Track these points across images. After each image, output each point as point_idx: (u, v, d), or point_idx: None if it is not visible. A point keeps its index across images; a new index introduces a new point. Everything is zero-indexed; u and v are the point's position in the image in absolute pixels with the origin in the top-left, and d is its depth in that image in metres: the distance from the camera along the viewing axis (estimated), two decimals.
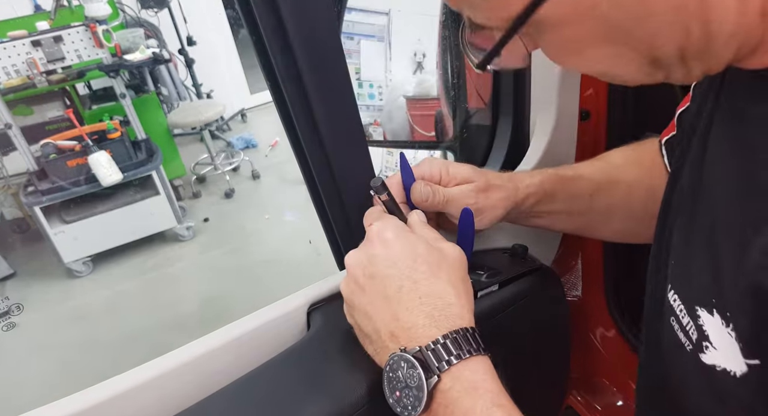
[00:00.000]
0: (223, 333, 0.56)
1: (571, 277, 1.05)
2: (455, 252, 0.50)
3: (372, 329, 0.47)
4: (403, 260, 0.47)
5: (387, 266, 0.47)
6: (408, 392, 0.42)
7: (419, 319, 0.44)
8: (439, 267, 0.47)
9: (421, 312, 0.44)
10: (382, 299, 0.46)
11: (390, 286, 0.46)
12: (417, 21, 1.77)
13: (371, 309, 0.47)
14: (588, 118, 0.87)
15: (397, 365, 0.43)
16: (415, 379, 0.42)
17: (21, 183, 3.12)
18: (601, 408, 1.06)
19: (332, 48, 0.53)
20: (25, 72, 2.77)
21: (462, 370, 0.42)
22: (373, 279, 0.47)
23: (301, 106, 0.54)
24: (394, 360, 0.44)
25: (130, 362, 0.56)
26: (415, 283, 0.46)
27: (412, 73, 1.79)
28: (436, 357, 0.42)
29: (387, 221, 0.51)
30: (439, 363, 0.42)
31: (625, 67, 0.35)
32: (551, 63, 0.38)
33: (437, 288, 0.46)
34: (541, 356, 0.74)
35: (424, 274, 0.46)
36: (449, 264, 0.48)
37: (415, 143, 1.74)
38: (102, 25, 2.82)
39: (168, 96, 4.28)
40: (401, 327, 0.45)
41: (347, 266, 0.50)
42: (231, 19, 4.97)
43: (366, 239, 0.50)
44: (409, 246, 0.48)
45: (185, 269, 3.09)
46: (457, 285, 0.47)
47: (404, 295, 0.45)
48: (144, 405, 0.53)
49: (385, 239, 0.49)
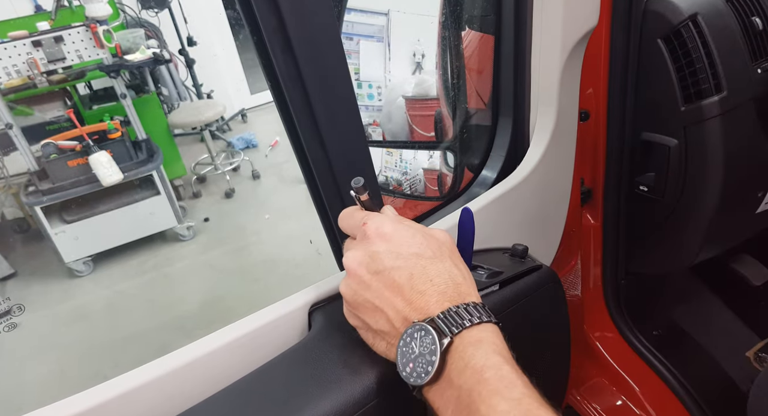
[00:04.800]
0: (225, 334, 0.56)
1: (571, 277, 1.05)
2: (447, 236, 0.52)
3: (384, 322, 0.48)
4: (408, 250, 0.48)
5: (393, 259, 0.48)
6: (421, 359, 0.43)
7: (432, 297, 0.46)
8: (441, 251, 0.49)
9: (434, 292, 0.46)
10: (393, 290, 0.47)
11: (400, 276, 0.47)
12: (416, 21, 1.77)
13: (381, 302, 0.47)
14: (588, 118, 0.87)
15: (411, 338, 0.44)
16: (428, 345, 0.43)
17: (22, 183, 3.12)
18: (600, 408, 1.06)
19: (333, 48, 0.53)
20: (26, 72, 2.77)
21: (471, 331, 0.43)
22: (379, 274, 0.48)
23: (302, 106, 0.54)
24: (408, 334, 0.45)
25: (131, 362, 0.56)
26: (424, 268, 0.47)
27: (412, 74, 1.79)
28: (447, 323, 0.43)
29: (380, 217, 0.51)
30: (450, 328, 0.43)
31: None
32: (551, 63, 0.38)
33: (445, 270, 0.48)
34: (541, 356, 0.74)
35: (431, 260, 0.48)
36: (449, 248, 0.51)
37: (414, 143, 1.74)
38: (102, 25, 2.82)
39: (168, 96, 4.28)
40: (414, 309, 0.46)
41: (347, 268, 0.50)
42: (231, 20, 4.97)
43: (363, 237, 0.50)
44: (410, 236, 0.49)
45: (186, 269, 3.09)
46: (460, 266, 0.50)
47: (416, 280, 0.47)
48: (145, 406, 0.53)
49: (384, 234, 0.49)
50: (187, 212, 3.56)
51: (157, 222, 3.23)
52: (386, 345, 0.49)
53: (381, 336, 0.49)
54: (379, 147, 1.77)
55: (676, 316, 1.13)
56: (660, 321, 1.11)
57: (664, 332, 1.09)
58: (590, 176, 0.95)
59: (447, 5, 1.08)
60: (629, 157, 0.90)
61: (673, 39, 0.78)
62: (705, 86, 0.77)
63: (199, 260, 3.16)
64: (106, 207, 3.07)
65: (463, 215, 0.57)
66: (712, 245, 0.94)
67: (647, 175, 0.89)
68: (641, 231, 0.97)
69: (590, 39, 0.76)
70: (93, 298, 2.97)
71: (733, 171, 0.82)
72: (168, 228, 3.28)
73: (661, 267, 1.01)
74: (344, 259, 0.51)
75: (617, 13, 0.78)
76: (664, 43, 0.78)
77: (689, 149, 0.82)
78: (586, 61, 0.79)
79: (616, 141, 0.88)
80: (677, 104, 0.80)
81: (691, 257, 0.94)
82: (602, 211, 0.97)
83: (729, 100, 0.78)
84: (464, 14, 1.00)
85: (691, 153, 0.83)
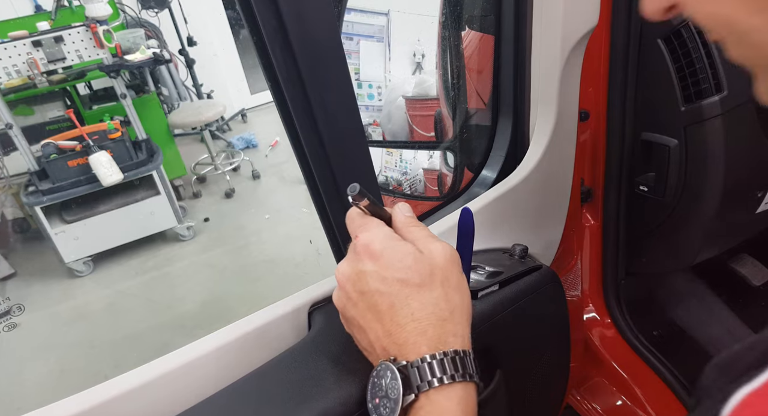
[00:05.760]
0: (225, 334, 0.57)
1: (571, 277, 1.05)
2: (446, 253, 0.47)
3: (367, 343, 0.47)
4: (393, 274, 0.45)
5: (377, 282, 0.45)
6: (386, 402, 0.43)
7: (411, 336, 0.43)
8: (431, 278, 0.45)
9: (414, 329, 0.43)
10: (374, 314, 0.45)
11: (381, 303, 0.45)
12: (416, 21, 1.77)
13: (364, 323, 0.47)
14: (588, 118, 0.87)
15: (383, 373, 0.44)
16: (395, 391, 0.42)
17: (22, 183, 3.13)
18: (600, 408, 1.06)
19: (333, 48, 0.53)
20: (26, 72, 2.77)
21: (438, 394, 0.42)
22: (363, 294, 0.46)
23: (302, 106, 0.54)
24: (381, 368, 0.44)
25: (131, 362, 0.56)
26: (407, 299, 0.44)
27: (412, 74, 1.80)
28: (419, 375, 0.42)
29: (372, 231, 0.48)
30: (420, 382, 0.41)
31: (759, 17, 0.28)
32: (551, 63, 0.38)
33: (430, 303, 0.44)
34: (541, 356, 0.74)
35: (416, 288, 0.45)
36: (442, 271, 0.46)
37: (414, 143, 1.75)
38: (102, 25, 2.82)
39: (168, 96, 4.28)
40: (394, 343, 0.44)
41: (337, 279, 0.49)
42: (231, 20, 4.97)
43: (353, 252, 0.48)
44: (398, 258, 0.45)
45: (186, 269, 3.09)
46: (451, 296, 0.46)
47: (396, 311, 0.44)
48: (145, 406, 0.53)
49: (372, 252, 0.46)
50: (187, 212, 3.56)
51: (157, 222, 3.23)
52: (371, 360, 0.49)
53: (366, 352, 0.49)
54: (379, 147, 1.77)
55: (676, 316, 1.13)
56: (660, 321, 1.11)
57: (664, 332, 1.09)
58: (590, 176, 0.95)
59: (447, 5, 1.08)
60: (629, 157, 0.90)
61: (673, 39, 0.78)
62: (705, 86, 0.77)
63: (199, 260, 3.16)
64: (106, 207, 3.07)
65: (463, 215, 0.57)
66: (712, 245, 0.95)
67: (647, 175, 0.89)
68: (641, 231, 0.97)
69: (590, 39, 0.76)
70: (93, 298, 2.97)
71: (733, 171, 0.82)
72: (168, 228, 3.28)
73: (661, 267, 1.01)
74: (336, 270, 0.49)
75: (617, 13, 0.78)
76: (664, 43, 0.78)
77: (689, 149, 0.82)
78: (586, 61, 0.79)
79: (616, 141, 0.88)
80: (677, 104, 0.80)
81: (691, 257, 0.94)
82: (602, 211, 0.97)
83: (729, 100, 0.78)
84: (464, 14, 1.00)
85: (691, 153, 0.82)
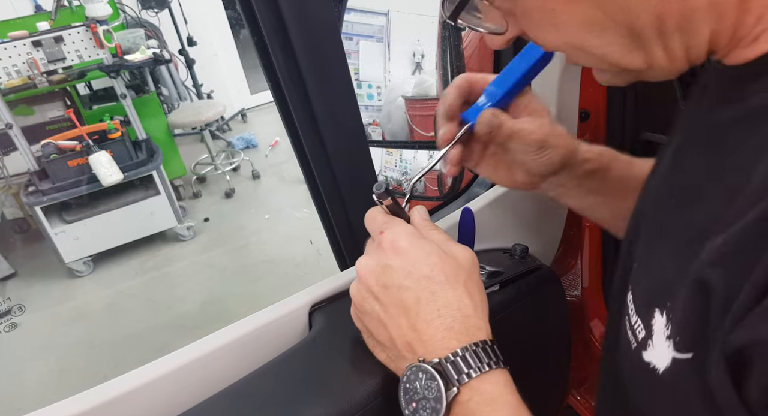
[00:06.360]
0: (225, 334, 0.56)
1: (571, 277, 1.05)
2: (468, 255, 0.49)
3: (387, 337, 0.47)
4: (420, 270, 0.46)
5: (403, 277, 0.46)
6: (425, 403, 0.42)
7: (438, 332, 0.43)
8: (456, 276, 0.46)
9: (440, 325, 0.44)
10: (399, 309, 0.45)
11: (408, 298, 0.45)
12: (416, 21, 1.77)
13: (386, 318, 0.46)
14: (588, 118, 0.87)
15: (415, 376, 0.43)
16: (434, 391, 0.41)
17: (22, 183, 3.13)
18: None
19: (333, 48, 0.53)
20: (26, 72, 2.77)
21: (482, 383, 0.41)
22: (388, 288, 0.46)
23: (302, 106, 0.54)
24: (412, 371, 0.43)
25: (131, 362, 0.56)
26: (433, 294, 0.45)
27: (411, 74, 1.79)
28: (456, 369, 0.41)
29: (398, 228, 0.49)
30: (458, 376, 0.41)
31: (602, 38, 0.34)
32: (551, 63, 0.38)
33: (455, 299, 0.45)
34: (541, 356, 0.75)
35: (442, 285, 0.45)
36: (465, 271, 0.47)
37: (414, 143, 1.74)
38: (102, 25, 2.82)
39: (168, 96, 4.28)
40: (419, 339, 0.44)
41: (358, 273, 0.49)
42: (231, 20, 4.97)
43: (378, 247, 0.49)
44: (424, 255, 0.46)
45: (186, 269, 3.09)
46: (473, 294, 0.47)
47: (422, 307, 0.44)
48: (145, 406, 0.53)
49: (398, 248, 0.47)
50: (187, 212, 3.56)
51: (157, 222, 3.22)
52: (386, 357, 0.48)
53: (381, 347, 0.48)
54: (379, 147, 1.77)
55: None
56: None
57: None
58: None
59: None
60: None
61: None
62: None
63: (199, 260, 3.16)
64: (106, 207, 3.07)
65: (464, 215, 0.57)
66: None
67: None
68: None
69: None
70: (93, 298, 2.97)
71: None
72: (168, 228, 3.27)
73: None
74: (357, 263, 0.49)
75: None
76: None
77: None
78: None
79: (616, 141, 0.88)
80: (677, 104, 0.80)
81: None
82: None
83: None
84: None
85: None
